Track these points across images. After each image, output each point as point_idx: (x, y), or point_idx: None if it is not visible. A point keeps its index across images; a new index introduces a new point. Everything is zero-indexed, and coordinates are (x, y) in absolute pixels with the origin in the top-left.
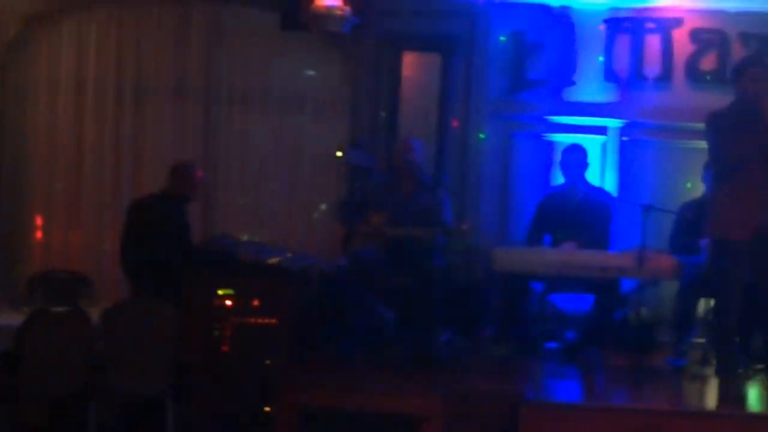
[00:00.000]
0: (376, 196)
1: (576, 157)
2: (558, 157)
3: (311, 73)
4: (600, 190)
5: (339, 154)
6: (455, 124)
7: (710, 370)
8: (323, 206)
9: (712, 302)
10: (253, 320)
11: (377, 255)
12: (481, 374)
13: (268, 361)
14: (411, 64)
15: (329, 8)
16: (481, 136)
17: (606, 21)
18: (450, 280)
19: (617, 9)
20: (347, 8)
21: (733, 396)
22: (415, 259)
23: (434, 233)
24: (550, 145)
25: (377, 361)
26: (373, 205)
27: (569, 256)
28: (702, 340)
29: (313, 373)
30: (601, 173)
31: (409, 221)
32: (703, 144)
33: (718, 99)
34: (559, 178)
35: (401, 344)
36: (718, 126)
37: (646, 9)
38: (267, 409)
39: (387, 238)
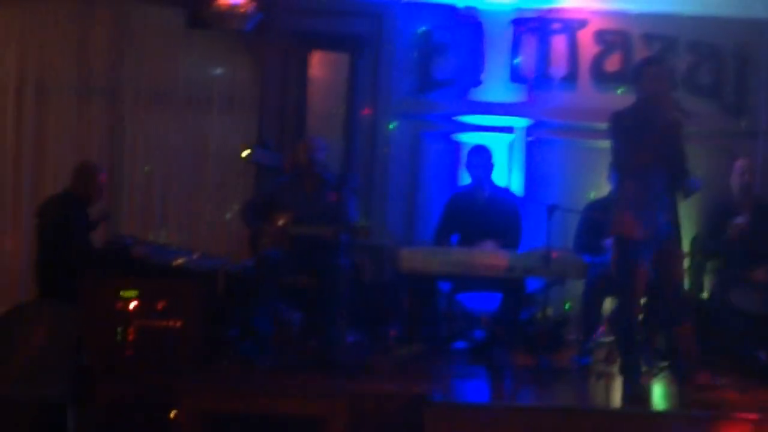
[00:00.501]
0: (281, 196)
1: (481, 158)
2: (465, 157)
3: (219, 71)
4: (506, 191)
5: (245, 153)
6: (367, 111)
7: (615, 368)
8: (231, 206)
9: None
10: (157, 323)
11: (282, 255)
12: (387, 375)
13: (172, 365)
14: (319, 63)
15: (232, 6)
16: (391, 126)
17: (512, 21)
18: (356, 279)
19: (523, 10)
20: (251, 6)
21: (636, 394)
22: (320, 258)
23: (338, 231)
24: (458, 144)
25: (283, 364)
26: (277, 204)
27: (475, 255)
28: (607, 339)
29: (217, 376)
30: (508, 173)
31: (314, 220)
32: (608, 143)
33: (622, 99)
34: (466, 178)
35: (308, 346)
36: (620, 126)
37: (551, 10)
38: (170, 413)
39: (292, 238)
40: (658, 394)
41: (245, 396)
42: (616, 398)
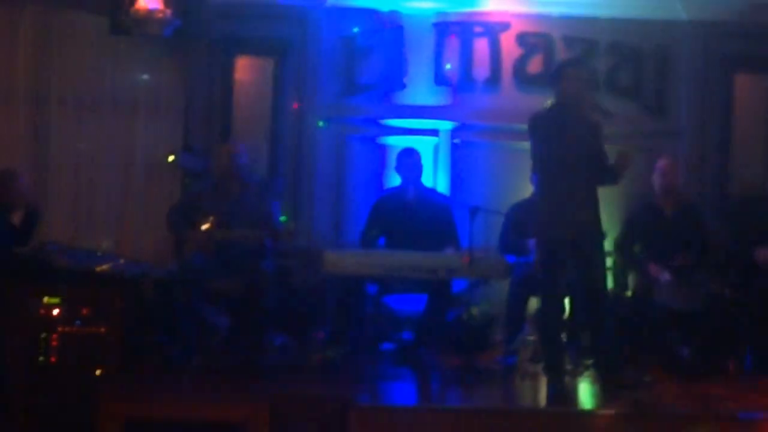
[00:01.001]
0: (205, 201)
1: (411, 159)
2: (393, 160)
3: (145, 77)
4: (434, 192)
5: (171, 158)
6: (296, 106)
7: (540, 367)
8: (157, 212)
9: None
10: (80, 329)
11: (207, 260)
12: (313, 378)
13: (96, 371)
14: (245, 67)
15: (150, 11)
16: (320, 123)
17: (434, 25)
18: (283, 283)
19: (446, 13)
20: (168, 11)
21: (560, 393)
22: (244, 262)
23: (261, 235)
24: (384, 147)
25: (208, 369)
26: (201, 209)
27: (399, 257)
28: (533, 338)
29: (140, 382)
30: (434, 175)
31: (237, 224)
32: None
33: (545, 101)
34: (394, 181)
35: (234, 350)
36: (539, 128)
37: (473, 13)
38: (92, 420)
39: (216, 243)
40: (583, 393)
41: (167, 402)
42: (542, 398)
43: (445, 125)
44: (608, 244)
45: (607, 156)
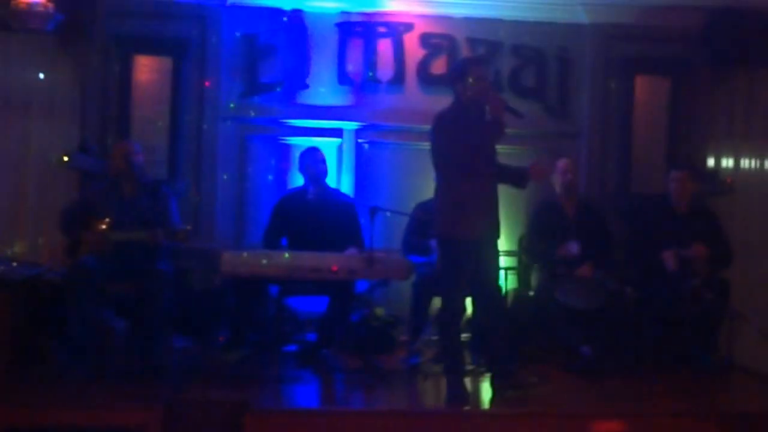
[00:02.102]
0: (99, 202)
1: (314, 160)
2: (296, 160)
3: (39, 75)
4: (337, 192)
5: (64, 159)
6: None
7: (442, 368)
8: (53, 213)
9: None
10: None
11: (100, 262)
12: (212, 381)
13: None
14: (144, 66)
15: (30, 5)
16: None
17: (338, 25)
18: (184, 284)
19: (349, 13)
20: (51, 6)
21: (458, 394)
22: (140, 264)
23: (157, 236)
24: (287, 147)
25: (103, 373)
26: (96, 211)
27: (299, 258)
28: (435, 338)
29: (28, 388)
30: (338, 175)
31: (133, 225)
32: None
33: (448, 101)
34: (297, 181)
35: (132, 353)
36: (443, 126)
37: (377, 14)
38: None
39: (111, 244)
40: (481, 393)
41: (56, 408)
42: (442, 398)
43: (348, 125)
44: (511, 244)
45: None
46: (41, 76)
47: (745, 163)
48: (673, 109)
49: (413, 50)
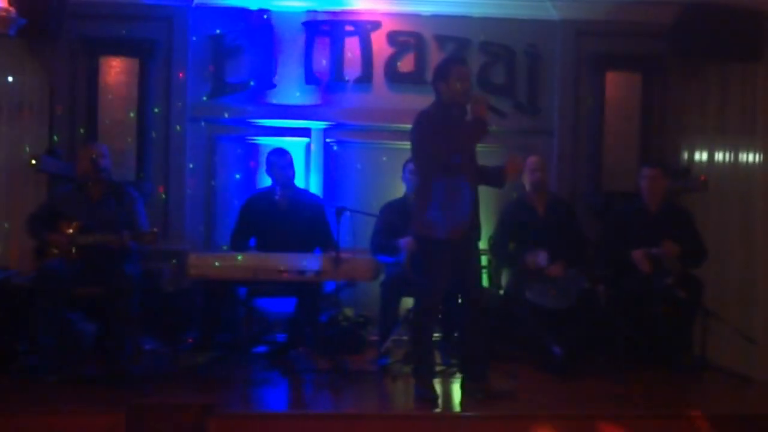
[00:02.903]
0: (67, 205)
1: (281, 160)
2: (264, 160)
3: (8, 78)
4: (306, 192)
5: (33, 162)
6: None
7: (411, 369)
8: (22, 217)
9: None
10: None
11: (68, 266)
12: (180, 384)
13: None
14: (110, 68)
15: None
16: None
17: (305, 24)
18: (153, 286)
19: (316, 12)
20: (12, 10)
21: (427, 396)
22: (108, 267)
23: (125, 239)
24: (255, 147)
25: (70, 377)
26: (63, 214)
27: (265, 259)
28: (406, 338)
29: None
30: (306, 175)
31: (101, 228)
32: (404, 144)
33: (417, 99)
34: (266, 181)
35: (101, 357)
36: (425, 125)
37: (344, 12)
38: None
39: (79, 248)
40: (450, 395)
41: (22, 412)
42: (410, 400)
43: (316, 125)
44: (482, 242)
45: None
46: (9, 79)
47: (718, 158)
48: (645, 105)
49: (381, 48)
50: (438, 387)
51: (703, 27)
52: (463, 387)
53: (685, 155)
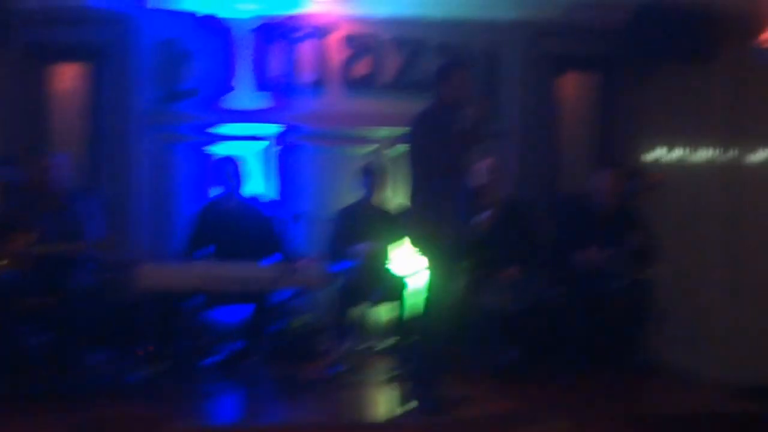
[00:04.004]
0: (21, 215)
1: (229, 168)
2: (212, 168)
3: None
4: (255, 201)
5: None
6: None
7: (365, 377)
8: None
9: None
10: None
11: (21, 276)
12: (132, 397)
13: None
14: (62, 75)
15: None
16: (158, 105)
17: (259, 28)
18: (106, 297)
19: (269, 16)
20: None
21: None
22: (61, 277)
23: (78, 249)
24: (209, 154)
25: (18, 392)
26: (16, 224)
27: (217, 269)
28: (359, 346)
29: None
30: (262, 181)
31: (53, 238)
32: (360, 148)
33: (372, 103)
34: (218, 189)
35: (52, 370)
36: (423, 128)
37: (299, 16)
38: None
39: (32, 258)
40: (404, 403)
41: None
42: (363, 409)
43: (271, 130)
44: None
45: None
46: None
47: (672, 158)
48: (601, 105)
49: (335, 52)
50: (390, 394)
51: (657, 29)
52: (417, 394)
53: (640, 158)
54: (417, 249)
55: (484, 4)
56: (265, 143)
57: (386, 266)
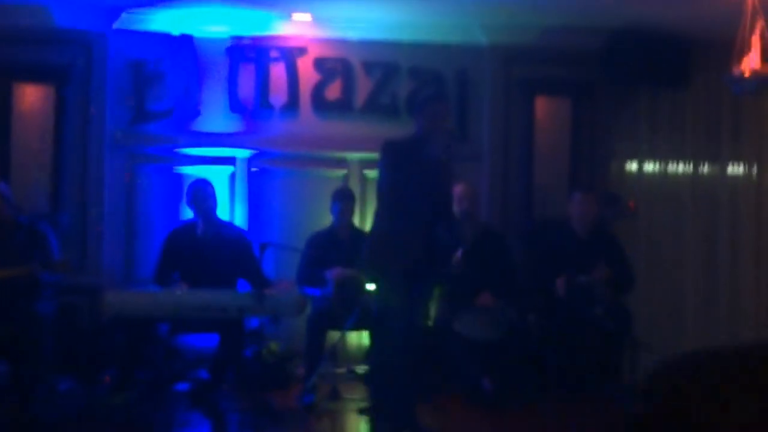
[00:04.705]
0: None
1: (203, 192)
2: (185, 191)
3: None
4: (230, 225)
5: None
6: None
7: (338, 406)
8: None
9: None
10: None
11: None
12: (98, 427)
13: None
14: (25, 96)
15: None
16: (125, 127)
17: (228, 50)
18: (69, 323)
19: (240, 38)
20: None
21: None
22: (16, 304)
23: (34, 270)
24: (180, 177)
25: None
26: None
27: (186, 296)
28: (333, 372)
29: None
30: (231, 205)
31: (7, 264)
32: (331, 172)
33: (343, 127)
34: (189, 213)
35: (12, 400)
36: (390, 156)
37: (269, 38)
38: None
39: None
40: None
41: None
42: None
43: (241, 153)
44: None
45: (452, 198)
46: None
47: (648, 184)
48: (575, 131)
49: (307, 75)
50: (365, 423)
51: (632, 54)
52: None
53: (615, 183)
54: (368, 277)
55: (456, 29)
56: (235, 167)
57: (362, 292)
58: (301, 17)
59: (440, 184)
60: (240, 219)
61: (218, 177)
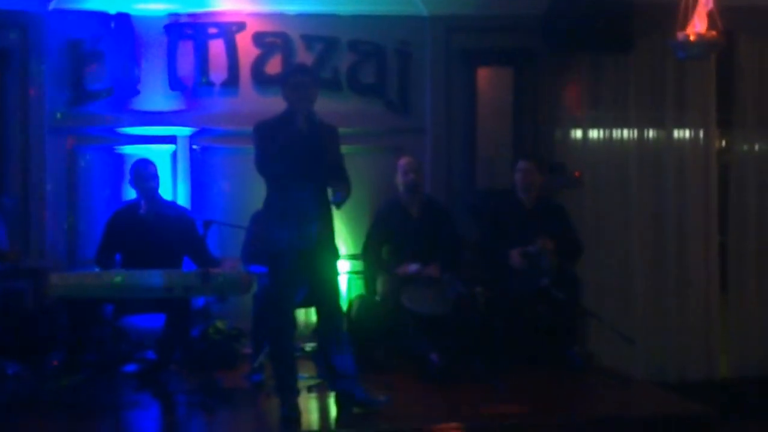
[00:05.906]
0: None
1: (145, 172)
2: (128, 171)
3: None
4: (173, 205)
5: None
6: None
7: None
8: None
9: None
10: None
11: None
12: (45, 411)
13: None
14: None
15: None
16: (59, 115)
17: (166, 27)
18: (14, 306)
19: (177, 15)
20: None
21: (290, 415)
22: None
23: None
24: (121, 157)
25: None
26: None
27: (130, 276)
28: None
29: None
30: (173, 183)
31: None
32: None
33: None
34: (131, 193)
35: None
36: (259, 135)
37: (206, 14)
38: None
39: None
40: (327, 411)
41: None
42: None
43: (182, 131)
44: (357, 247)
45: (337, 167)
46: None
47: (593, 151)
48: (518, 99)
49: (246, 50)
50: (313, 403)
51: (573, 20)
52: (337, 402)
53: (560, 149)
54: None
55: (396, 0)
56: (176, 145)
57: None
58: None
59: (316, 154)
60: (183, 197)
61: (160, 156)
